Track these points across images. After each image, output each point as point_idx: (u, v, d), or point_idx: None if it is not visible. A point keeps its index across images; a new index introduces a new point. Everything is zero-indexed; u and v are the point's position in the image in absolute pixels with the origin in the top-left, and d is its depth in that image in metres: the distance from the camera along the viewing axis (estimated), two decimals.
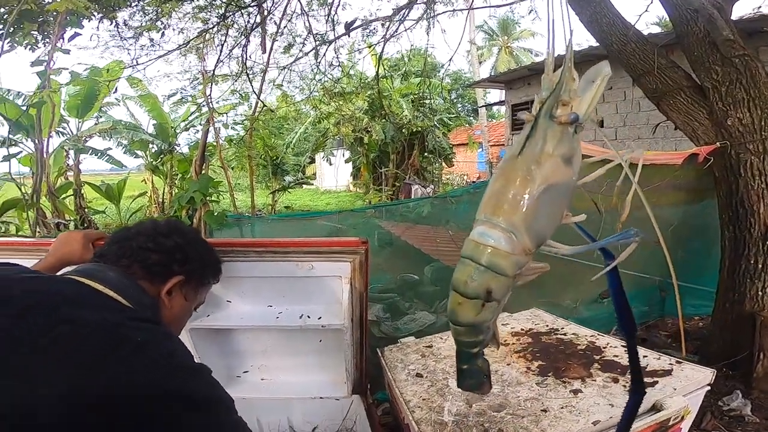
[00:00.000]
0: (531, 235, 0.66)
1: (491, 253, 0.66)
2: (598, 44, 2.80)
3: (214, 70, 3.62)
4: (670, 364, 1.12)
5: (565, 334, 1.48)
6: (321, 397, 1.47)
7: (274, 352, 1.55)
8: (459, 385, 0.89)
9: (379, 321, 2.89)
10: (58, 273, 1.05)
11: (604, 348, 1.29)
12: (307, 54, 4.02)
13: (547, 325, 1.59)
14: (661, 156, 3.38)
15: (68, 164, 8.80)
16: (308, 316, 1.37)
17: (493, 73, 19.20)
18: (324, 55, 4.43)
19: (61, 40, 2.90)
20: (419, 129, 9.88)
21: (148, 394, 0.64)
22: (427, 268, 3.85)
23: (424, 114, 9.68)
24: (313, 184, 17.97)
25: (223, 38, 3.64)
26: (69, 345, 0.63)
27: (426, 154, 11.34)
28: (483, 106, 15.07)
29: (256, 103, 4.08)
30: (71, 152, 8.70)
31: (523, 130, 0.69)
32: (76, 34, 2.97)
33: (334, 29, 3.85)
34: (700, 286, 3.35)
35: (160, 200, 9.99)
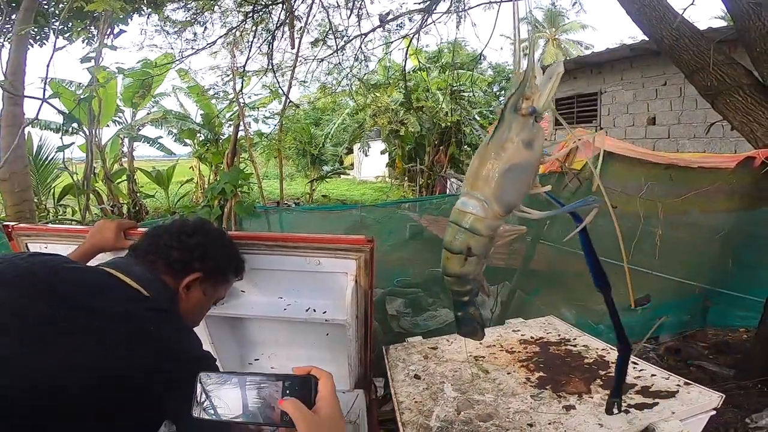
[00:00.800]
0: (500, 204, 0.82)
1: (469, 218, 0.82)
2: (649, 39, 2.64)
3: (244, 66, 3.74)
4: (678, 385, 1.05)
5: (575, 346, 1.43)
6: None
7: (283, 342, 1.60)
8: (458, 331, 1.01)
9: (399, 316, 2.91)
10: (93, 258, 1.15)
11: (612, 363, 1.24)
12: (337, 50, 4.05)
13: (560, 335, 1.54)
14: (711, 158, 3.15)
15: (123, 151, 9.40)
16: (314, 310, 1.40)
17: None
18: (360, 47, 4.44)
19: (111, 36, 3.08)
20: (456, 121, 9.70)
21: (155, 377, 0.71)
22: None
23: (462, 107, 9.48)
24: (350, 174, 18.18)
25: (252, 36, 3.74)
26: (86, 331, 0.70)
27: (464, 146, 11.13)
28: None
29: (285, 99, 4.17)
30: (126, 140, 9.29)
31: (495, 121, 0.84)
32: (122, 32, 3.17)
33: (359, 23, 3.85)
34: (750, 297, 3.13)
35: (206, 186, 10.44)
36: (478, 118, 11.56)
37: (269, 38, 3.73)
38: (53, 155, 7.86)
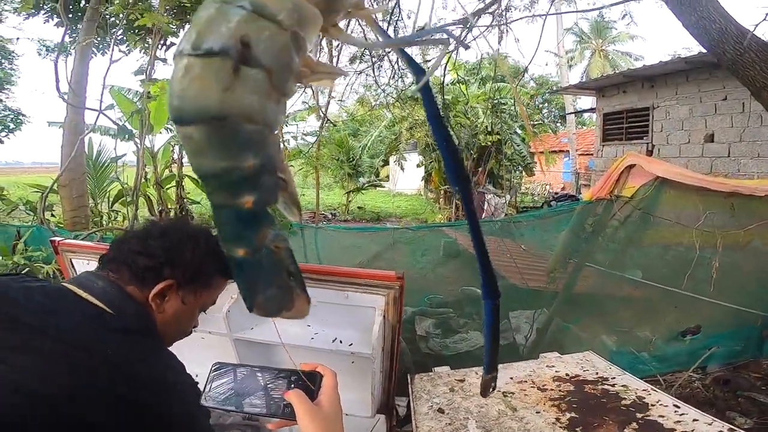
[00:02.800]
0: None
1: None
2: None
3: None
4: (720, 431, 0.95)
5: (613, 385, 1.32)
6: (347, 414, 1.48)
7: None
8: (249, 303, 0.52)
9: (428, 336, 2.85)
10: None
11: (652, 406, 1.14)
12: (373, 65, 4.10)
13: (597, 373, 1.44)
14: None
15: (174, 158, 9.91)
16: (340, 341, 1.41)
17: (584, 78, 17.85)
18: (397, 61, 4.46)
19: (163, 48, 3.28)
20: (497, 136, 9.52)
21: (113, 407, 0.63)
22: None
23: (503, 120, 9.30)
24: (385, 187, 18.28)
25: None
26: (37, 354, 0.63)
27: (504, 162, 10.90)
28: (570, 113, 14.09)
29: (323, 118, 4.25)
30: (176, 147, 9.79)
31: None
32: (173, 44, 3.36)
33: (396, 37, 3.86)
34: None
35: None
36: (520, 132, 11.31)
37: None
38: (109, 161, 8.40)
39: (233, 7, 0.37)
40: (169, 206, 9.00)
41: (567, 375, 1.43)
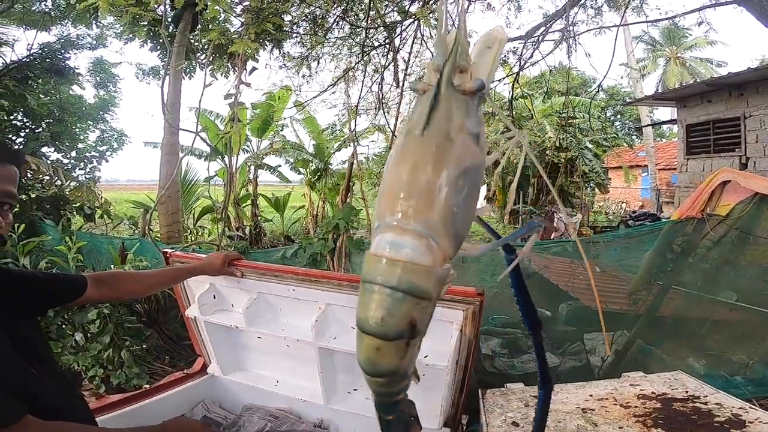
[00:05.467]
0: (451, 237, 0.51)
1: (408, 270, 0.49)
2: None
3: (357, 107, 4.03)
4: None
5: (705, 403, 1.24)
6: None
7: None
8: None
9: (494, 356, 2.79)
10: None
11: (750, 423, 1.05)
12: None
13: (687, 392, 1.35)
14: None
15: (249, 178, 10.66)
16: None
17: (660, 88, 16.56)
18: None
19: (246, 73, 3.63)
20: (565, 151, 9.12)
21: None
22: (562, 305, 3.58)
23: (572, 134, 8.90)
24: None
25: (363, 74, 4.04)
26: None
27: (574, 178, 10.38)
28: (648, 125, 13.14)
29: (392, 137, 4.40)
30: (251, 167, 10.54)
31: (420, 102, 0.55)
32: (254, 69, 3.72)
33: None
34: None
35: (315, 213, 11.27)
36: (591, 146, 10.75)
37: (378, 79, 4.02)
38: (195, 179, 9.25)
39: (397, 294, 0.50)
40: (245, 223, 9.68)
41: (653, 393, 1.36)
